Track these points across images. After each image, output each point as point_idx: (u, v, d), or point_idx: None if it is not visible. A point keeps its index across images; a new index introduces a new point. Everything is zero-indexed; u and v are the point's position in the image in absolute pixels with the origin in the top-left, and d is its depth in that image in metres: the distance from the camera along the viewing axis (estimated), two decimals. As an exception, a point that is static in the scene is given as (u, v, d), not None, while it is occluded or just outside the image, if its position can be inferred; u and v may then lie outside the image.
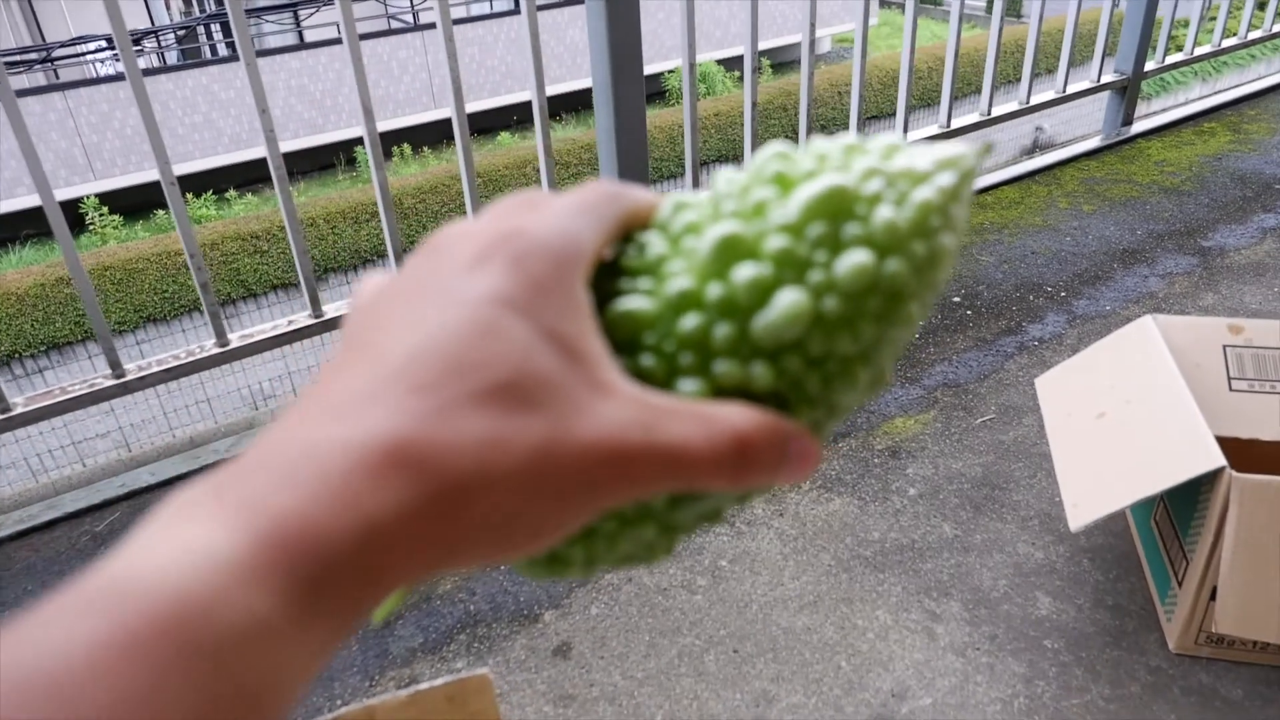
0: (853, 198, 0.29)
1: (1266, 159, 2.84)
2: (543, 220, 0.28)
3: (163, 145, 1.51)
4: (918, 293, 0.30)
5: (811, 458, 0.29)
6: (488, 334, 0.25)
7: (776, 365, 0.29)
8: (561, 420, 0.25)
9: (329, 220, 9.67)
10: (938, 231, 0.30)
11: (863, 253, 0.28)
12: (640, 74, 1.95)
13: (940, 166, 0.30)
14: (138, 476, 1.68)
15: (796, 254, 0.29)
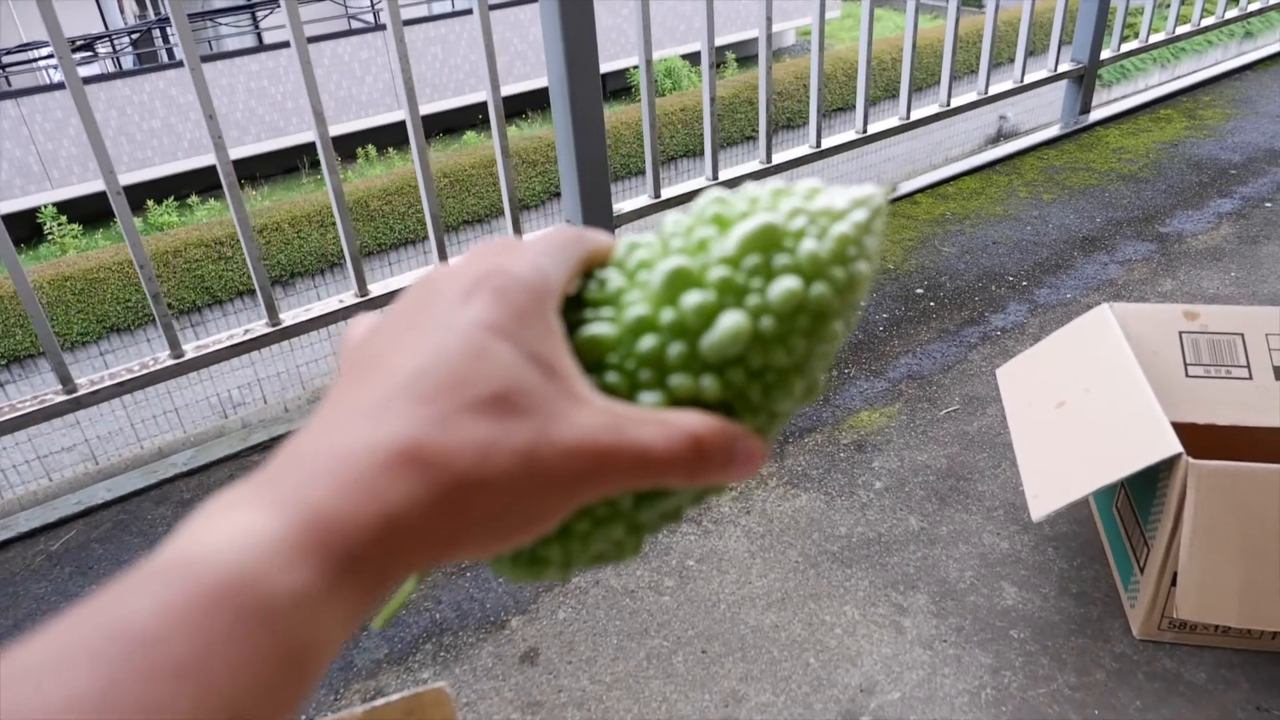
0: (781, 233, 0.34)
1: (1222, 145, 2.87)
2: (519, 259, 0.33)
3: (105, 152, 1.48)
4: (840, 312, 0.35)
5: (756, 457, 0.33)
6: (479, 355, 0.29)
7: (723, 378, 0.33)
8: (545, 426, 0.29)
9: (294, 224, 9.56)
10: (854, 260, 0.35)
11: (792, 279, 0.33)
12: (596, 71, 1.94)
13: (855, 205, 0.36)
14: (94, 493, 1.65)
15: (735, 282, 0.33)
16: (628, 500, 0.34)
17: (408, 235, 10.18)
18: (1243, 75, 3.48)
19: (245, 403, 6.88)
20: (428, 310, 0.32)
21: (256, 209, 9.99)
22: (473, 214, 10.54)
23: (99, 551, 1.54)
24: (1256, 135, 2.92)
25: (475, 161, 10.62)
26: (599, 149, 2.00)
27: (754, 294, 0.33)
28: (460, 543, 0.28)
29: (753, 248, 0.34)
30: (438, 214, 1.91)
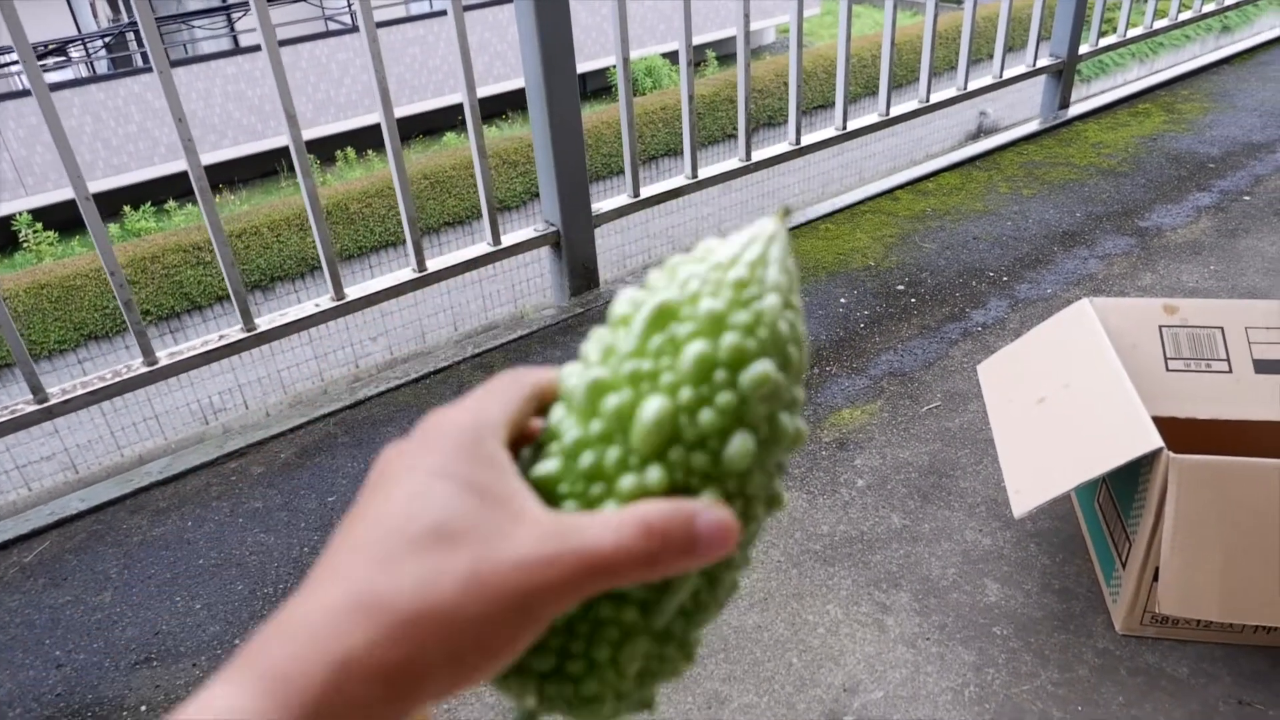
0: (676, 306, 0.35)
1: (1200, 138, 2.88)
2: (458, 407, 0.35)
3: (72, 155, 1.45)
4: (762, 352, 0.34)
5: (726, 528, 0.33)
6: (417, 496, 0.32)
7: (666, 462, 0.33)
8: (485, 548, 0.30)
9: (272, 228, 9.49)
10: (756, 298, 0.35)
11: (698, 343, 0.34)
12: (573, 71, 1.93)
13: (745, 245, 0.36)
14: (68, 503, 1.62)
15: (644, 370, 0.34)
16: (632, 612, 0.34)
17: (388, 238, 10.11)
18: (1220, 69, 3.49)
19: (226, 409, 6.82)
20: (383, 474, 0.34)
21: (234, 213, 9.91)
22: (453, 215, 10.49)
23: (73, 563, 1.52)
24: (1234, 129, 2.93)
25: (455, 163, 10.57)
26: (577, 149, 1.99)
27: (667, 372, 0.34)
28: (426, 676, 0.29)
29: (654, 330, 0.35)
30: (414, 217, 1.89)
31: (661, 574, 0.32)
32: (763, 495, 0.36)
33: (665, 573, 0.32)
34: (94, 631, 1.40)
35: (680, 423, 0.33)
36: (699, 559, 0.32)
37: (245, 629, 1.38)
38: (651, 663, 0.36)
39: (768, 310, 0.34)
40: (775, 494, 0.37)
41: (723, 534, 0.32)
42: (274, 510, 1.60)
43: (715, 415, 0.33)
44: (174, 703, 1.28)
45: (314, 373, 6.71)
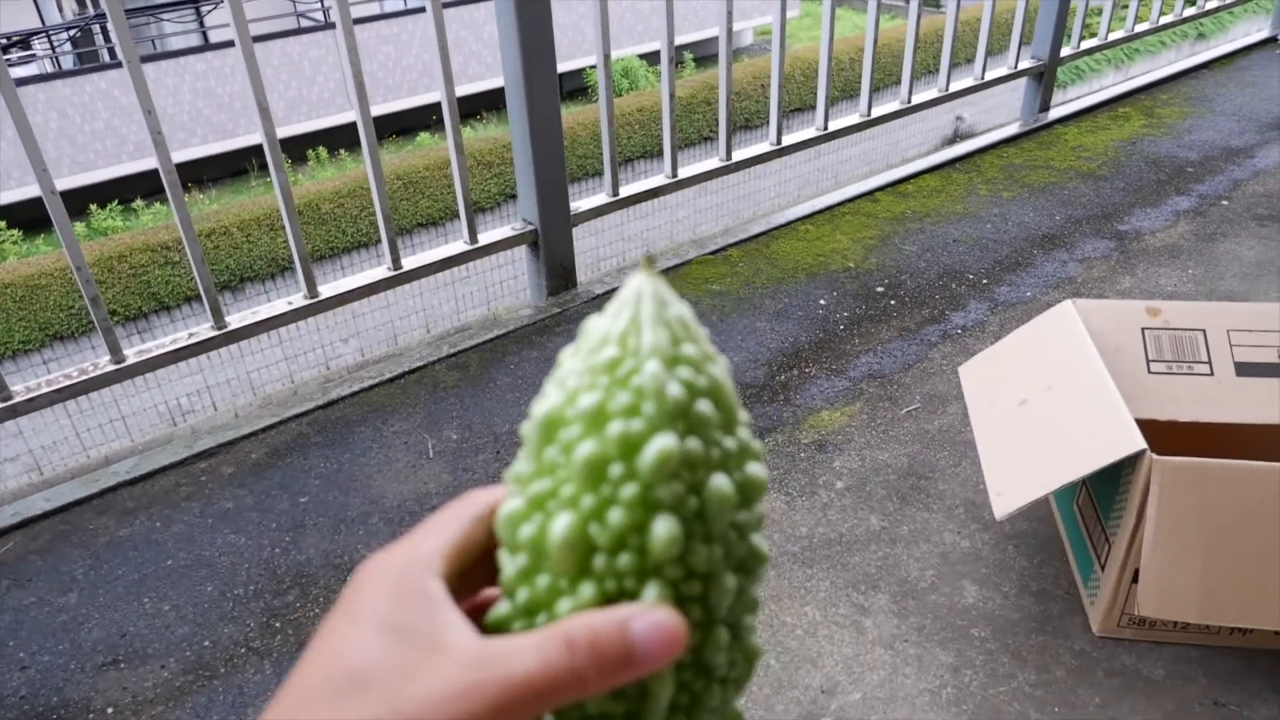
0: (559, 412, 0.33)
1: (1179, 142, 2.90)
2: (392, 547, 0.35)
3: (39, 151, 1.42)
4: (654, 427, 0.32)
5: (664, 627, 0.31)
6: (336, 645, 0.32)
7: (593, 575, 0.32)
8: (397, 691, 0.30)
9: (242, 228, 9.40)
10: (633, 372, 0.33)
11: (585, 445, 0.32)
12: (553, 66, 1.91)
13: (615, 316, 0.34)
14: (32, 504, 1.59)
15: (545, 490, 0.33)
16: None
17: (360, 239, 10.04)
18: (1200, 74, 3.53)
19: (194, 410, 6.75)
20: (323, 624, 0.35)
21: (204, 212, 9.80)
22: (426, 216, 10.43)
23: (38, 564, 1.48)
24: (1213, 134, 2.96)
25: (429, 163, 10.51)
26: (556, 146, 1.97)
27: (566, 484, 0.33)
28: None
29: (545, 444, 0.34)
30: (389, 214, 1.87)
31: (605, 687, 0.31)
32: (727, 564, 0.33)
33: (609, 685, 0.31)
34: (59, 633, 1.36)
35: (592, 532, 0.32)
36: (643, 666, 0.31)
37: (215, 630, 1.36)
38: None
39: (648, 382, 0.32)
40: (752, 552, 0.34)
41: (663, 634, 0.31)
42: (245, 511, 1.57)
43: (624, 512, 0.32)
44: (142, 705, 1.25)
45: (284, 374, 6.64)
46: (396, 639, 0.32)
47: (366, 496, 1.59)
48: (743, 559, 0.34)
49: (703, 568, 0.33)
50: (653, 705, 0.33)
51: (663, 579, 0.32)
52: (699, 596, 0.33)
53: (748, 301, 2.11)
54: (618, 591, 0.32)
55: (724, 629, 0.34)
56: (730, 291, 2.16)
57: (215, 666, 1.30)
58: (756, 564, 0.35)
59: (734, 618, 0.35)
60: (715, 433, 0.33)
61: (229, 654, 1.32)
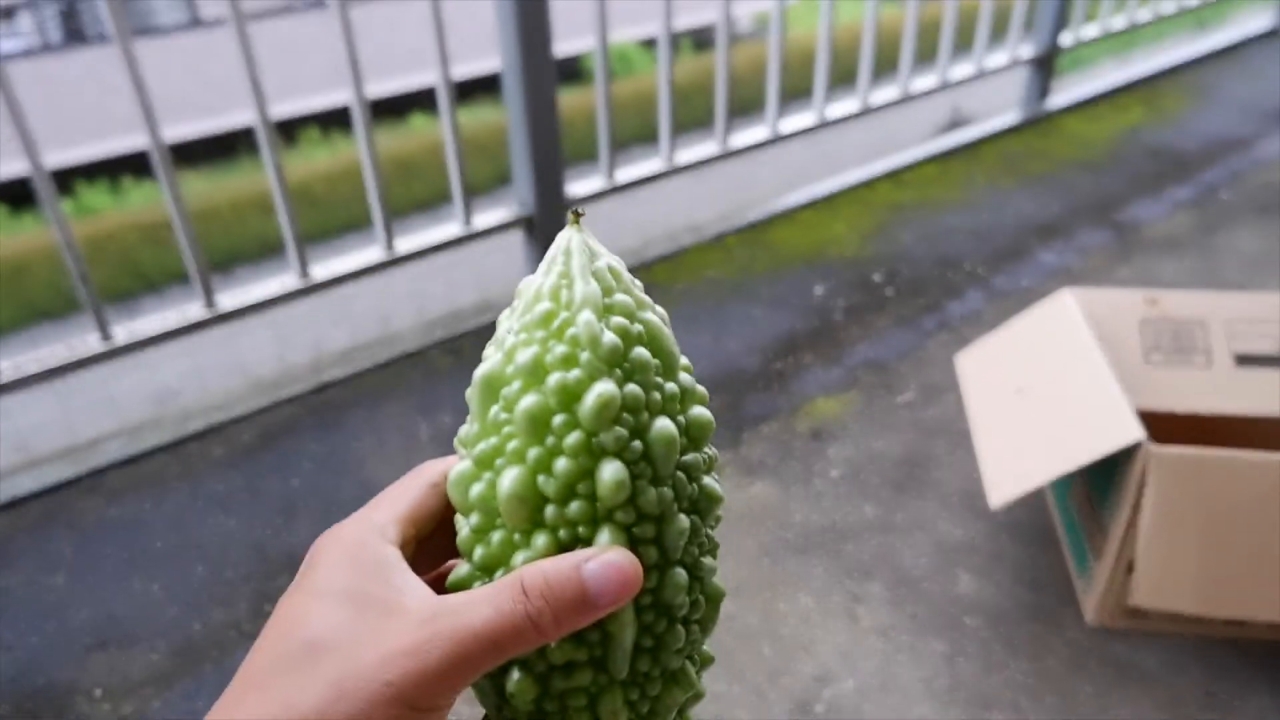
0: (499, 371, 0.34)
1: (1180, 133, 2.89)
2: (345, 521, 0.35)
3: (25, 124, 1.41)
4: (593, 375, 0.33)
5: (617, 567, 0.31)
6: (292, 618, 0.32)
7: (545, 526, 0.33)
8: (350, 654, 0.30)
9: (234, 209, 9.33)
10: (568, 324, 0.34)
11: (526, 399, 0.33)
12: (551, 54, 1.90)
13: (547, 272, 0.35)
14: (19, 483, 1.58)
15: (491, 448, 0.34)
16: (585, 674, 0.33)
17: (352, 221, 9.97)
18: (1201, 64, 3.51)
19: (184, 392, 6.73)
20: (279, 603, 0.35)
21: (195, 192, 9.74)
22: (418, 201, 10.39)
23: (24, 543, 1.47)
24: (1214, 125, 2.95)
25: (421, 146, 10.43)
26: (552, 129, 1.96)
27: (511, 440, 0.33)
28: None
29: (488, 403, 0.34)
30: (384, 195, 1.85)
31: (562, 632, 0.31)
32: (679, 505, 0.34)
33: (566, 629, 0.31)
34: (46, 614, 1.35)
35: (540, 484, 0.33)
36: (599, 606, 0.31)
37: (205, 613, 1.35)
38: (645, 705, 0.34)
39: (583, 331, 0.33)
40: (704, 493, 0.35)
41: (618, 573, 0.31)
42: (235, 493, 1.56)
43: (570, 460, 0.32)
44: (130, 687, 1.24)
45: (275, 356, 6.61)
46: (352, 605, 0.32)
47: (359, 480, 1.58)
48: (695, 500, 0.34)
49: (654, 510, 0.33)
50: (615, 649, 0.33)
51: (614, 524, 0.33)
52: (653, 538, 0.33)
53: (744, 289, 2.10)
54: (572, 540, 0.33)
55: (681, 570, 0.34)
56: (726, 279, 2.15)
57: (205, 649, 1.29)
58: (710, 504, 0.35)
59: (691, 558, 0.35)
60: (655, 377, 0.34)
61: (219, 637, 1.31)
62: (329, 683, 0.30)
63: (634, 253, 2.27)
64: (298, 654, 0.31)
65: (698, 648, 0.36)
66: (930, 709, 1.17)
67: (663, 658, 0.34)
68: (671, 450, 0.33)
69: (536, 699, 0.33)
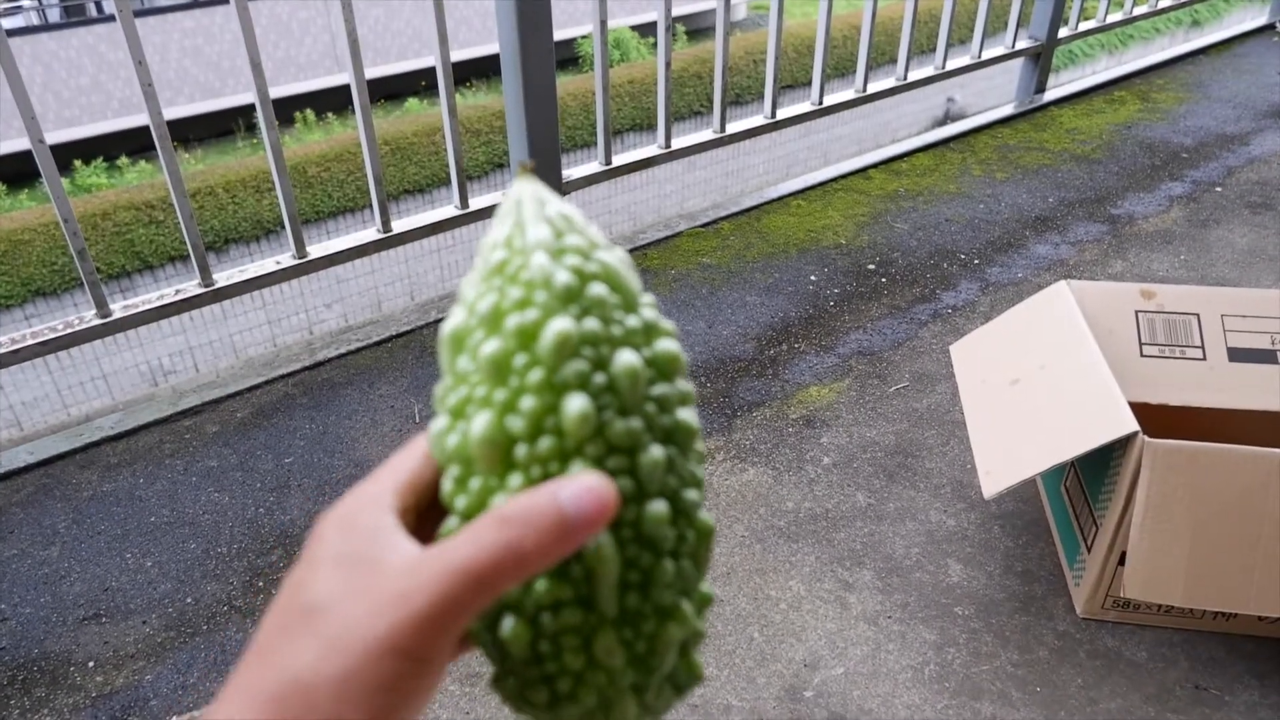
0: (463, 324, 0.35)
1: (1174, 128, 2.90)
2: (348, 493, 0.36)
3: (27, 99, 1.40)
4: (549, 312, 0.33)
5: (593, 490, 0.32)
6: (294, 586, 0.33)
7: (518, 466, 0.33)
8: (344, 611, 0.31)
9: (229, 189, 9.29)
10: (522, 267, 0.34)
11: (489, 345, 0.33)
12: (549, 38, 1.89)
13: (499, 224, 0.36)
14: (15, 456, 1.57)
15: (461, 398, 0.34)
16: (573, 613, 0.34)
17: (346, 203, 9.95)
18: (1196, 59, 3.52)
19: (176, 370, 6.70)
20: None
21: (190, 172, 9.68)
22: (414, 183, 10.34)
23: (20, 516, 1.47)
24: (1208, 119, 2.96)
25: (417, 129, 10.40)
26: (550, 112, 1.95)
27: (479, 387, 0.34)
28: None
29: (455, 355, 0.35)
30: (380, 175, 1.85)
31: (545, 561, 0.31)
32: (651, 436, 0.34)
33: (549, 558, 0.31)
34: (41, 586, 1.35)
35: (509, 425, 0.33)
36: (578, 533, 0.31)
37: (197, 588, 1.35)
38: (641, 644, 0.34)
39: (536, 272, 0.34)
40: (678, 425, 0.35)
41: (593, 494, 0.31)
42: (229, 470, 1.56)
43: (534, 398, 0.33)
44: (123, 659, 1.24)
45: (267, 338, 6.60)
46: (345, 568, 0.33)
47: (351, 459, 1.58)
48: (669, 431, 0.34)
49: (623, 441, 0.33)
50: (601, 585, 0.33)
51: (585, 457, 0.33)
52: (627, 470, 0.33)
53: (738, 275, 2.10)
54: (544, 476, 0.33)
55: (660, 502, 0.34)
56: (721, 265, 2.15)
57: (197, 624, 1.29)
58: (685, 437, 0.35)
59: (669, 490, 0.34)
60: (615, 312, 0.34)
61: (211, 611, 1.31)
62: (323, 641, 0.30)
63: (627, 239, 2.27)
64: (295, 619, 0.32)
65: (692, 585, 0.36)
66: (919, 697, 1.17)
67: (653, 593, 0.34)
68: (635, 381, 0.33)
69: (531, 643, 0.34)
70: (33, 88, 10.15)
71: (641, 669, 0.34)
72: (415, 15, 12.34)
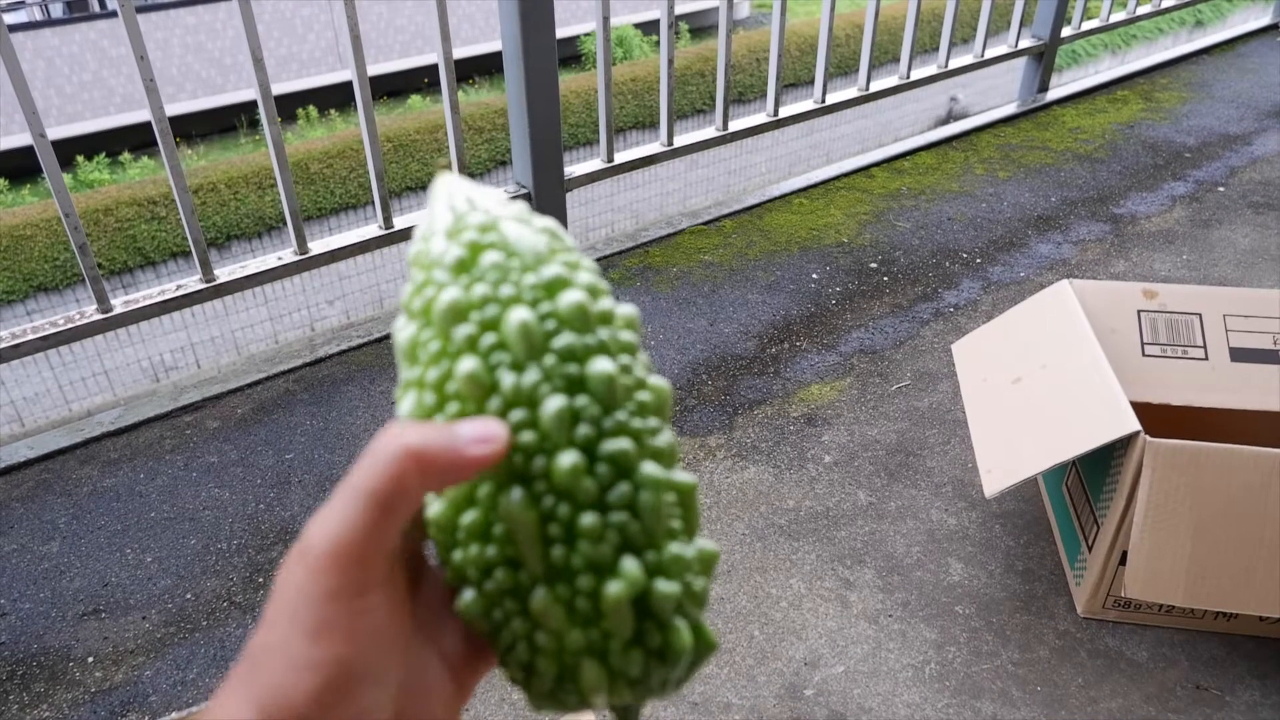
0: (415, 339, 0.36)
1: (1177, 128, 2.89)
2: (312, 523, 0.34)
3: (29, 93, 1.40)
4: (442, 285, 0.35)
5: (478, 419, 0.33)
6: None
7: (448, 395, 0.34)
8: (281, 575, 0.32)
9: (230, 185, 9.29)
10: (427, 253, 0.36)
11: (404, 331, 0.36)
12: (552, 36, 1.88)
13: (434, 206, 0.38)
14: (16, 450, 1.57)
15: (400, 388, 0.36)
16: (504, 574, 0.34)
17: (348, 200, 9.95)
18: (1199, 59, 3.51)
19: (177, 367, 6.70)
20: None
21: (192, 168, 9.68)
22: (416, 180, 10.34)
23: (19, 511, 1.47)
24: (1211, 119, 2.95)
25: (419, 126, 10.40)
26: (552, 109, 1.95)
27: (404, 372, 0.36)
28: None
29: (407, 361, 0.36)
30: (382, 171, 1.84)
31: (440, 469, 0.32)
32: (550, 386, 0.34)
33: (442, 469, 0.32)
34: (40, 581, 1.35)
35: (424, 400, 0.35)
36: (465, 444, 0.32)
37: (197, 583, 1.35)
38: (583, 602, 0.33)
39: (434, 255, 0.36)
40: (586, 376, 0.34)
41: (479, 422, 0.33)
42: (229, 466, 1.55)
43: (435, 369, 0.35)
44: (122, 655, 1.24)
45: (269, 334, 6.60)
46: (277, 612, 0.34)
47: (352, 455, 1.57)
48: (575, 381, 0.34)
49: (517, 397, 0.33)
50: (520, 540, 0.33)
51: (486, 412, 0.34)
52: (530, 423, 0.33)
53: (740, 273, 2.10)
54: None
55: (569, 453, 0.33)
56: (722, 263, 2.15)
57: (197, 619, 1.29)
58: (599, 385, 0.34)
59: (584, 441, 0.34)
60: (514, 275, 0.35)
61: (211, 607, 1.31)
62: (269, 609, 0.32)
63: (629, 236, 2.27)
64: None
65: (643, 540, 0.34)
66: (920, 695, 1.17)
67: (580, 548, 0.33)
68: (524, 335, 0.33)
69: (485, 612, 0.34)
70: (35, 83, 10.15)
71: (593, 630, 0.34)
72: (417, 12, 12.33)
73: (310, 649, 0.31)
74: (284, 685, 0.30)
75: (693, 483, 0.36)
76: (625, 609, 0.33)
